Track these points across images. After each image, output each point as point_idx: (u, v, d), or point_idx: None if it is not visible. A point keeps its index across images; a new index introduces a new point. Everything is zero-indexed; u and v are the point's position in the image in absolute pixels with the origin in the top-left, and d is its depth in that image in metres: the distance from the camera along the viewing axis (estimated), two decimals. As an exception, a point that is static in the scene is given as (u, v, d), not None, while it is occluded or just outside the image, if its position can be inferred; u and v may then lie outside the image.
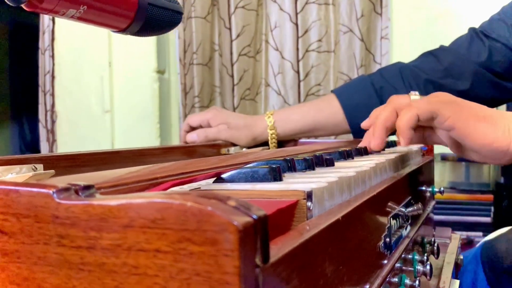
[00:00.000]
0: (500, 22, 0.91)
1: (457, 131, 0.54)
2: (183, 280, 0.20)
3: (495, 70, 0.90)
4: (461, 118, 0.53)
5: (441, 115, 0.54)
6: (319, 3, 1.46)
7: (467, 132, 0.53)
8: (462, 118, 0.53)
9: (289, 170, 0.42)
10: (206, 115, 0.93)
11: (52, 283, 0.23)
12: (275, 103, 1.51)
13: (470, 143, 0.54)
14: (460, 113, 0.54)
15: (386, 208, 0.45)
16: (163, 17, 0.43)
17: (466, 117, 0.54)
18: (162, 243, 0.20)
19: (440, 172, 1.49)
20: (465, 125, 0.53)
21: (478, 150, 0.55)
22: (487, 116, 0.54)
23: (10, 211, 0.24)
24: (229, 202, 0.20)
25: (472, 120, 0.53)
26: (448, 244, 0.78)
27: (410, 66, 0.95)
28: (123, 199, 0.21)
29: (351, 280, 0.33)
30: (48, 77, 1.70)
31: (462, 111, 0.54)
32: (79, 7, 0.37)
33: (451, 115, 0.53)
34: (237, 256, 0.19)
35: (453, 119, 0.53)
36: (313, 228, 0.27)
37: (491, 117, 0.54)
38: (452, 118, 0.53)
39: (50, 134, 1.73)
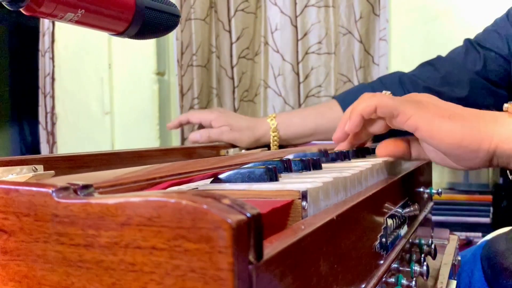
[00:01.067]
0: (493, 33, 0.94)
1: (421, 132, 0.50)
2: (178, 276, 0.20)
3: (491, 79, 0.93)
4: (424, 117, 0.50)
5: (402, 113, 0.50)
6: (319, 5, 1.46)
7: (432, 132, 0.49)
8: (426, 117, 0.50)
9: (286, 171, 0.43)
10: (210, 116, 0.94)
11: (51, 280, 0.23)
12: (276, 105, 1.52)
13: (437, 144, 0.50)
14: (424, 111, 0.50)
15: (383, 209, 0.45)
16: (161, 20, 0.43)
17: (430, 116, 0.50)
18: (158, 240, 0.21)
19: (439, 173, 1.50)
20: (428, 125, 0.49)
21: (445, 151, 0.50)
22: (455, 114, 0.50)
23: (10, 210, 0.24)
24: (224, 200, 0.21)
25: (437, 118, 0.49)
26: (446, 245, 0.78)
27: (409, 74, 0.97)
28: (120, 198, 0.22)
29: (346, 279, 0.34)
30: (48, 79, 1.71)
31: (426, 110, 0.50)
32: (77, 11, 0.38)
33: (414, 113, 0.50)
34: (231, 253, 0.19)
35: (415, 118, 0.50)
36: (308, 227, 0.28)
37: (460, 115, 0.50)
38: (414, 117, 0.50)
39: (50, 136, 1.73)
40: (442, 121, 0.49)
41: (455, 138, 0.49)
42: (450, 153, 0.51)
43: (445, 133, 0.49)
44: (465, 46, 0.97)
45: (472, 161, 0.51)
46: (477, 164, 0.51)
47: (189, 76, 1.58)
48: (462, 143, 0.49)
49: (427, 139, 0.50)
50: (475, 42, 0.96)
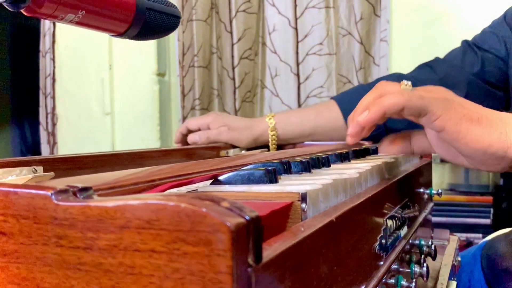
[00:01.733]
0: (491, 34, 0.94)
1: (447, 133, 0.48)
2: (177, 279, 0.20)
3: (488, 80, 0.93)
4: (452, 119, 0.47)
5: (431, 112, 0.48)
6: (319, 7, 1.46)
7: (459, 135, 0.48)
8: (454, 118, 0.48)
9: (285, 172, 0.43)
10: (206, 119, 0.94)
11: (50, 282, 0.23)
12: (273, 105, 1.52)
13: (461, 147, 0.49)
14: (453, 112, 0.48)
15: (382, 210, 0.45)
16: (161, 21, 0.43)
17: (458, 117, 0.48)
18: (157, 243, 0.21)
19: (439, 174, 1.50)
20: (456, 127, 0.47)
21: (471, 155, 0.49)
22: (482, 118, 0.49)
23: (9, 212, 0.24)
24: (223, 203, 0.21)
25: (465, 121, 0.48)
26: (446, 246, 0.78)
27: (407, 76, 0.97)
28: (120, 201, 0.22)
29: (346, 281, 0.34)
30: (49, 79, 1.71)
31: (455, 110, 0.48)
32: (78, 12, 0.38)
33: (442, 114, 0.48)
34: (230, 256, 0.19)
35: (443, 118, 0.48)
36: (307, 229, 0.28)
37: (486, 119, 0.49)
38: (443, 117, 0.48)
39: (51, 137, 1.73)
40: (470, 125, 0.48)
41: (482, 144, 0.48)
42: (474, 157, 0.49)
43: (472, 138, 0.48)
44: (462, 47, 0.97)
45: (495, 166, 0.50)
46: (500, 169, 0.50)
47: (191, 77, 1.58)
48: (488, 150, 0.48)
49: (453, 142, 0.49)
50: (472, 44, 0.96)
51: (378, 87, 0.53)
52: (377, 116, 0.48)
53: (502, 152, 0.48)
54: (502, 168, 0.50)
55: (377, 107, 0.48)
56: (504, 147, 0.48)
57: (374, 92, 0.52)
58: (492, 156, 0.48)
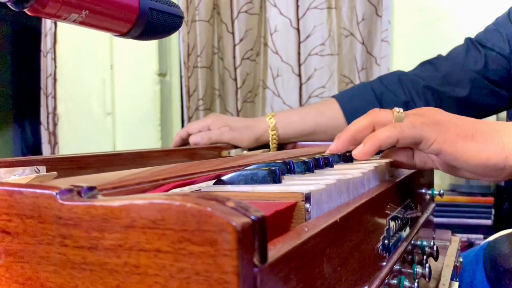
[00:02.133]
0: (495, 32, 0.94)
1: (445, 155, 0.49)
2: (183, 279, 0.20)
3: (491, 78, 0.92)
4: (447, 140, 0.49)
5: (425, 139, 0.49)
6: (321, 8, 1.46)
7: (456, 154, 0.49)
8: (449, 140, 0.49)
9: (288, 173, 0.43)
10: (206, 121, 0.94)
11: (55, 282, 0.23)
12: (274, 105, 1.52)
13: (462, 165, 0.50)
14: (446, 134, 0.49)
15: (385, 211, 0.45)
16: (164, 22, 0.43)
17: (453, 138, 0.49)
18: (163, 243, 0.21)
19: (440, 175, 1.49)
20: (453, 147, 0.48)
21: (472, 170, 0.50)
22: (476, 133, 0.49)
23: (14, 212, 0.24)
24: (228, 203, 0.21)
25: (460, 140, 0.49)
26: (448, 247, 0.78)
27: (409, 74, 0.97)
28: (125, 200, 0.22)
29: (349, 281, 0.34)
30: (50, 79, 1.71)
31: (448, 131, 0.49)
32: (81, 12, 0.38)
33: (436, 137, 0.49)
34: (236, 256, 0.19)
35: (438, 142, 0.49)
36: (311, 229, 0.28)
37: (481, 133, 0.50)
38: (438, 140, 0.49)
39: (52, 136, 1.73)
40: (465, 143, 0.49)
41: (481, 159, 0.49)
42: (475, 172, 0.50)
43: (470, 154, 0.48)
44: (466, 45, 0.96)
45: (498, 177, 0.51)
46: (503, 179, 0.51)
47: (194, 78, 1.58)
48: (488, 163, 0.49)
49: (452, 161, 0.50)
50: (476, 41, 0.95)
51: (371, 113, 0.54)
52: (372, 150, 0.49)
53: (502, 162, 0.49)
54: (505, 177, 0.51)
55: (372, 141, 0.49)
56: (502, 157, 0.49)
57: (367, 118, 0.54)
58: (493, 168, 0.49)
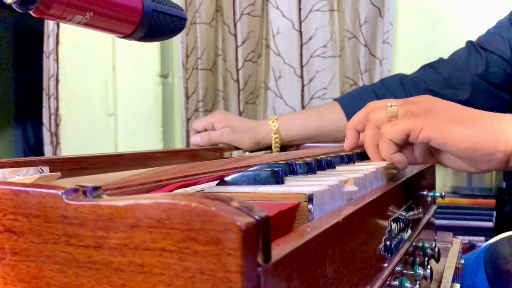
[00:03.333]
0: (496, 35, 0.94)
1: (434, 141, 0.49)
2: (187, 278, 0.21)
3: (493, 81, 0.93)
4: (434, 126, 0.49)
5: (413, 129, 0.49)
6: (324, 10, 1.46)
7: (445, 138, 0.48)
8: (436, 125, 0.49)
9: (291, 174, 0.43)
10: (211, 118, 0.94)
11: (60, 281, 0.24)
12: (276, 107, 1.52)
13: (452, 150, 0.49)
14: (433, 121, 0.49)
15: (387, 212, 0.46)
16: (168, 23, 0.43)
17: (440, 123, 0.49)
18: (168, 242, 0.21)
19: (442, 177, 1.50)
20: (440, 132, 0.49)
21: (463, 156, 0.50)
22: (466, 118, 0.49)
23: (20, 211, 0.24)
24: (232, 203, 0.21)
25: (448, 125, 0.49)
26: (449, 249, 0.78)
27: (410, 77, 0.97)
28: (130, 200, 0.22)
29: (351, 282, 0.34)
30: (52, 80, 1.71)
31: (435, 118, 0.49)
32: (86, 14, 0.38)
33: (423, 125, 0.49)
34: (240, 255, 0.20)
35: (425, 129, 0.49)
36: (314, 230, 0.28)
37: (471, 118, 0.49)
38: (425, 128, 0.49)
39: (54, 137, 1.74)
40: (453, 127, 0.49)
41: (470, 142, 0.48)
42: (466, 157, 0.50)
43: (459, 138, 0.48)
44: (467, 48, 0.97)
45: (488, 164, 0.50)
46: (494, 167, 0.50)
47: (194, 79, 1.58)
48: (477, 146, 0.48)
49: (442, 146, 0.49)
50: (477, 45, 0.95)
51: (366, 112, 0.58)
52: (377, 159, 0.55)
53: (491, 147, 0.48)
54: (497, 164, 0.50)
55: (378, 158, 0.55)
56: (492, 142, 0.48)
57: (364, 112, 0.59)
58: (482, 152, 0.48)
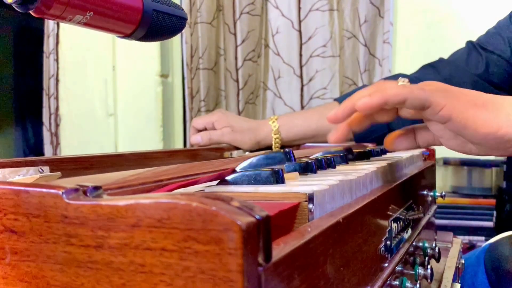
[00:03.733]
0: (496, 35, 0.94)
1: (454, 122, 0.47)
2: (188, 278, 0.21)
3: (493, 81, 0.93)
4: (457, 106, 0.47)
5: (435, 103, 0.47)
6: (323, 9, 1.46)
7: (467, 122, 0.47)
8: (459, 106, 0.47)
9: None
10: (212, 118, 0.94)
11: (61, 280, 0.24)
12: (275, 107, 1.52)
13: (471, 134, 0.47)
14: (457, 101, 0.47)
15: (387, 212, 0.46)
16: (168, 23, 0.43)
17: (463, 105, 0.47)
18: (168, 242, 0.21)
19: (442, 177, 1.49)
20: (463, 114, 0.47)
21: (481, 141, 0.48)
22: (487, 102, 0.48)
23: (20, 211, 0.24)
24: (233, 202, 0.21)
25: (471, 108, 0.47)
26: (449, 248, 0.78)
27: (410, 77, 0.97)
28: (131, 200, 0.22)
29: (351, 282, 0.34)
30: (52, 80, 1.71)
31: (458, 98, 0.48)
32: (86, 13, 0.38)
33: (447, 103, 0.47)
34: (240, 254, 0.19)
35: (448, 108, 0.47)
36: (314, 229, 0.28)
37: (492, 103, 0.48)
38: (448, 106, 0.47)
39: (54, 137, 1.74)
40: (476, 111, 0.47)
41: (492, 128, 0.47)
42: (483, 142, 0.48)
43: (481, 123, 0.47)
44: (467, 48, 0.97)
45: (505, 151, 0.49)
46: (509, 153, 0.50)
47: (196, 79, 1.58)
48: (498, 133, 0.47)
49: (461, 129, 0.48)
50: (477, 45, 0.95)
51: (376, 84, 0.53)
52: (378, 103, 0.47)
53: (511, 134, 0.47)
54: None
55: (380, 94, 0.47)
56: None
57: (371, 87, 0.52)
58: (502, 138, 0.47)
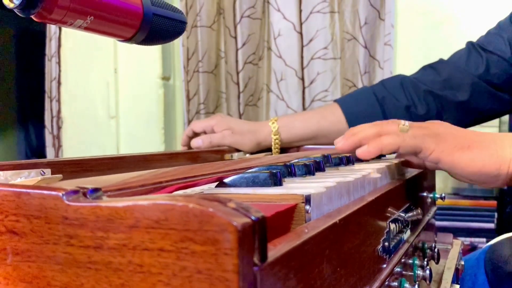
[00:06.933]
0: (496, 36, 0.94)
1: (443, 164, 0.54)
2: (185, 277, 0.21)
3: (493, 82, 0.93)
4: (445, 150, 0.54)
5: (424, 149, 0.54)
6: (324, 12, 1.47)
7: (453, 163, 0.54)
8: (446, 150, 0.54)
9: (289, 175, 0.43)
10: (211, 122, 0.95)
11: (61, 281, 0.24)
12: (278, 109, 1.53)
13: (459, 173, 0.55)
14: (444, 145, 0.54)
15: (385, 213, 0.46)
16: (168, 27, 0.44)
17: (450, 148, 0.54)
18: (166, 242, 0.21)
19: (443, 178, 1.49)
20: (449, 157, 0.54)
21: (469, 178, 0.55)
22: (473, 144, 0.54)
23: (21, 213, 0.25)
24: (229, 204, 0.21)
25: (457, 150, 0.54)
26: (449, 250, 0.78)
27: (410, 78, 0.97)
28: (129, 201, 0.22)
29: (349, 282, 0.34)
30: (54, 83, 1.72)
31: (446, 142, 0.54)
32: (86, 18, 0.38)
33: (435, 148, 0.54)
34: (236, 254, 0.20)
35: (436, 152, 0.54)
36: (311, 230, 0.28)
37: (478, 143, 0.54)
38: (436, 151, 0.54)
39: (56, 140, 1.74)
40: (461, 153, 0.54)
41: (475, 167, 0.54)
42: (473, 179, 0.55)
43: (465, 163, 0.53)
44: (467, 49, 0.97)
45: (494, 183, 0.56)
46: (499, 185, 0.56)
47: (195, 82, 1.59)
48: (482, 170, 0.54)
49: (450, 169, 0.55)
50: (477, 45, 0.95)
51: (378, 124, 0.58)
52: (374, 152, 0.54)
53: (495, 170, 0.54)
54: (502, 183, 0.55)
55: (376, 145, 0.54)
56: (496, 166, 0.54)
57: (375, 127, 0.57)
58: (487, 175, 0.54)
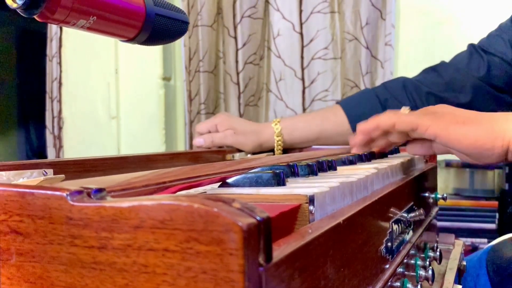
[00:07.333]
0: (497, 37, 0.94)
1: (439, 138, 0.56)
2: (190, 278, 0.21)
3: (494, 84, 0.93)
4: (440, 125, 0.56)
5: (420, 125, 0.56)
6: (325, 12, 1.47)
7: (449, 137, 0.56)
8: (442, 125, 0.56)
9: (292, 175, 0.43)
10: (214, 120, 0.95)
11: (65, 281, 0.24)
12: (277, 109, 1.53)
13: (454, 146, 0.56)
14: (440, 120, 0.56)
15: (388, 213, 0.46)
16: (170, 27, 0.44)
17: (445, 123, 0.56)
18: (171, 243, 0.21)
19: (444, 179, 1.49)
20: (445, 131, 0.56)
21: (464, 151, 0.56)
22: (469, 119, 0.56)
23: (25, 213, 0.25)
24: (234, 204, 0.21)
25: (452, 125, 0.56)
26: (451, 250, 0.78)
27: (412, 80, 0.98)
28: (134, 201, 0.22)
29: (352, 283, 0.34)
30: (55, 83, 1.72)
31: (441, 118, 0.57)
32: (89, 18, 0.38)
33: (431, 123, 0.56)
34: (241, 255, 0.20)
35: (433, 127, 0.56)
36: (315, 231, 0.28)
37: (475, 119, 0.56)
38: (432, 126, 0.56)
39: (57, 140, 1.74)
40: (456, 127, 0.56)
41: (470, 140, 0.55)
42: (468, 153, 0.57)
43: (461, 136, 0.55)
44: (468, 51, 0.97)
45: (490, 158, 0.56)
46: (494, 160, 0.57)
47: (196, 82, 1.58)
48: (477, 144, 0.55)
49: (447, 143, 0.57)
50: (479, 47, 0.96)
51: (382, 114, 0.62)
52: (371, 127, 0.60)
53: (490, 144, 0.55)
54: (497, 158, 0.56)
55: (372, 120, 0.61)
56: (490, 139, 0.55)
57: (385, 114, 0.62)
58: (482, 148, 0.55)
